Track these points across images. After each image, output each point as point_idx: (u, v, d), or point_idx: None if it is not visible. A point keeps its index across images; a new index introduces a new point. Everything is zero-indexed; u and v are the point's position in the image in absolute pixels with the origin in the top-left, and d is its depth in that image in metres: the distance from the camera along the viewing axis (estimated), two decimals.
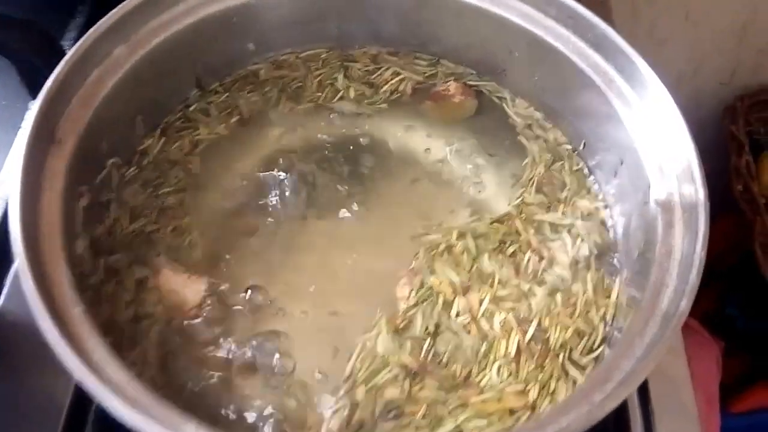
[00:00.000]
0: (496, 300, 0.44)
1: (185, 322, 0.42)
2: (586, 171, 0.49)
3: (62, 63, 0.40)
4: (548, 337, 0.42)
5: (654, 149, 0.41)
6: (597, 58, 0.44)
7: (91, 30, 0.42)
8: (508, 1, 0.47)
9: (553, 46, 0.46)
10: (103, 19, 0.42)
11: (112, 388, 0.31)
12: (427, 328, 0.42)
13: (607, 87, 0.44)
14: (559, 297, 0.44)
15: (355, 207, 0.48)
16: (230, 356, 0.41)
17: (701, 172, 0.38)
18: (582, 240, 0.46)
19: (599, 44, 0.44)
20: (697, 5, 1.10)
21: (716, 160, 1.19)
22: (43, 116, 0.39)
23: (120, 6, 0.43)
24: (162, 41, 0.45)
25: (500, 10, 0.47)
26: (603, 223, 0.47)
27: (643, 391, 0.54)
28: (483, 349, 0.42)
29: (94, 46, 0.42)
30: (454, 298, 0.44)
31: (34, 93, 0.65)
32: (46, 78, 0.62)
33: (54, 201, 0.38)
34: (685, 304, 0.34)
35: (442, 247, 0.46)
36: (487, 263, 0.45)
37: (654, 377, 0.54)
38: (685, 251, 0.37)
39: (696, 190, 0.38)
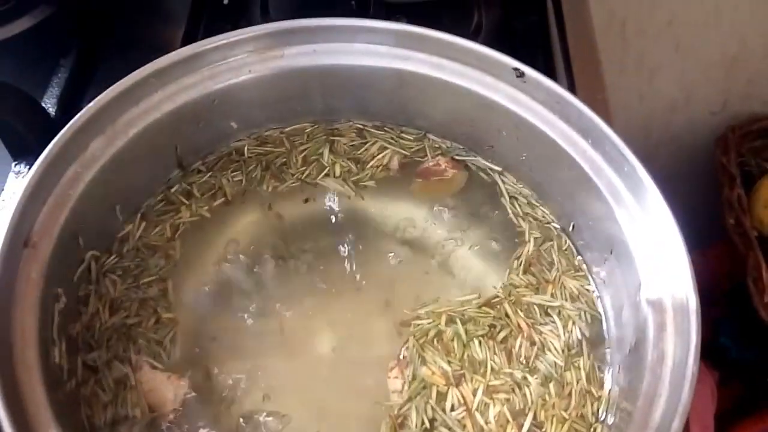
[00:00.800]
0: (489, 391, 0.43)
1: (165, 425, 0.41)
2: (575, 252, 0.48)
3: (35, 166, 0.39)
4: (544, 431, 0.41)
5: (645, 247, 0.40)
6: (585, 145, 0.43)
7: (66, 128, 0.41)
8: (495, 84, 0.46)
9: (541, 130, 0.45)
10: (76, 118, 0.41)
11: None
12: (423, 424, 0.42)
13: (596, 175, 0.43)
14: (552, 387, 0.43)
15: (343, 289, 0.47)
16: None
17: (693, 279, 0.37)
18: (573, 323, 0.45)
19: (587, 132, 0.43)
20: (686, 36, 1.10)
21: (709, 189, 1.19)
22: (17, 223, 0.38)
23: (95, 100, 0.42)
24: (141, 130, 0.44)
25: (487, 91, 0.46)
26: (593, 306, 0.46)
27: None
28: None
29: (69, 144, 0.41)
30: (448, 389, 0.43)
31: (15, 154, 0.64)
32: (27, 138, 0.61)
33: (28, 311, 0.37)
34: (678, 425, 0.33)
35: (431, 333, 0.45)
36: (478, 350, 0.44)
37: None
38: (677, 359, 0.36)
39: (687, 298, 0.37)
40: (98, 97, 0.42)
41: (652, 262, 0.40)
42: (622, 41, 1.09)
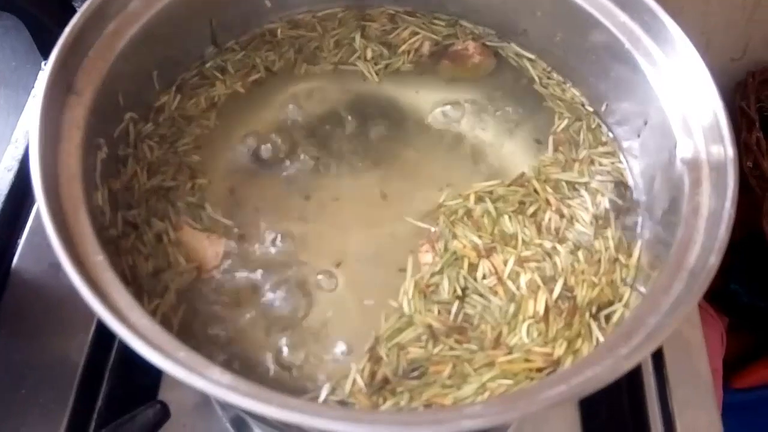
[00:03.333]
0: (520, 260, 0.43)
1: (206, 278, 0.42)
2: (605, 131, 0.48)
3: (78, 14, 0.40)
4: (575, 295, 0.42)
5: (680, 107, 0.41)
6: (623, 17, 0.43)
7: None
8: None
9: (579, 5, 0.45)
10: None
11: (139, 334, 0.31)
12: (455, 291, 0.42)
13: (633, 46, 0.43)
14: (581, 254, 0.43)
15: (371, 171, 0.48)
16: (250, 314, 0.41)
17: (730, 129, 0.37)
18: (602, 195, 0.46)
19: (625, 3, 0.43)
20: None
21: None
22: (60, 66, 0.38)
23: None
24: None
25: None
26: (623, 181, 0.46)
27: (658, 357, 0.54)
28: (511, 309, 0.41)
29: None
30: (479, 260, 0.43)
31: (45, 54, 0.65)
32: (58, 38, 0.61)
33: (73, 151, 0.38)
34: (714, 260, 0.34)
35: (461, 212, 0.46)
36: (508, 224, 0.45)
37: (669, 344, 0.54)
38: (712, 208, 0.37)
39: (724, 148, 0.37)
40: None
41: (687, 120, 0.40)
42: None
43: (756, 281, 1.16)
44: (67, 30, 0.39)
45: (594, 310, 0.41)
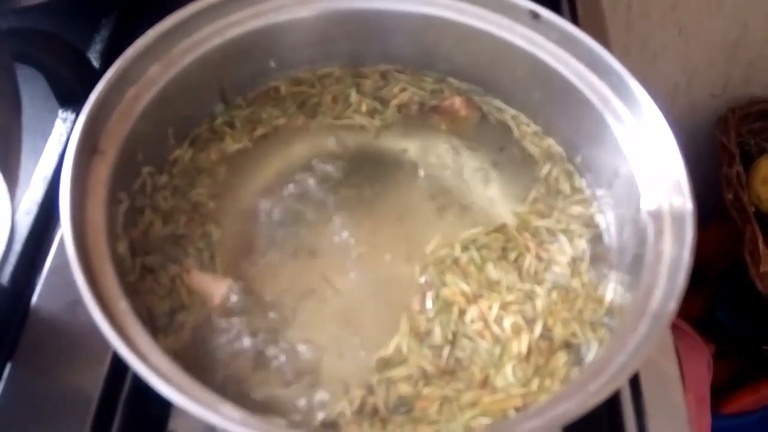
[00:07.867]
0: (504, 305, 0.47)
1: (212, 318, 0.46)
2: (581, 181, 0.52)
3: (102, 82, 0.44)
4: (553, 334, 0.45)
5: (646, 163, 0.45)
6: (594, 78, 0.48)
7: (128, 51, 0.46)
8: (512, 26, 0.50)
9: (554, 67, 0.50)
10: (139, 41, 0.46)
11: (159, 374, 0.35)
12: (446, 337, 0.46)
13: (603, 106, 0.48)
14: (558, 294, 0.47)
15: (366, 221, 0.51)
16: (253, 349, 0.45)
17: (689, 185, 0.42)
18: (579, 238, 0.49)
19: (596, 66, 0.48)
20: (690, 21, 1.14)
21: (708, 168, 1.24)
22: (87, 129, 0.43)
23: (153, 28, 0.47)
24: (192, 60, 0.49)
25: (505, 33, 0.51)
26: (597, 227, 0.50)
27: (636, 389, 0.58)
28: (497, 351, 0.45)
29: (130, 66, 0.46)
30: (468, 306, 0.47)
31: (62, 102, 0.69)
32: (74, 87, 0.65)
33: (98, 205, 0.42)
34: (673, 305, 0.38)
35: (449, 261, 0.49)
36: (493, 271, 0.48)
37: (646, 376, 0.58)
38: (673, 257, 0.41)
39: (684, 202, 0.42)
40: (156, 26, 0.47)
41: (652, 176, 0.44)
42: (627, 24, 1.13)
43: (741, 309, 1.20)
44: (93, 97, 0.43)
45: (570, 346, 0.45)
